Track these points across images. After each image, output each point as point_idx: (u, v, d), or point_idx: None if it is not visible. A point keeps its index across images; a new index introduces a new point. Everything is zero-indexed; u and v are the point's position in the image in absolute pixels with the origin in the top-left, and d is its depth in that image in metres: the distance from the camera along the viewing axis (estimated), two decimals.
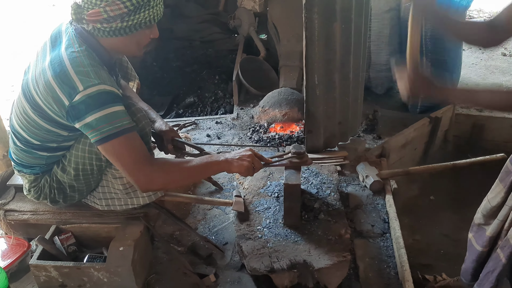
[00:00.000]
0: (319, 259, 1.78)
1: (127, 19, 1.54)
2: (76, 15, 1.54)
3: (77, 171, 1.78)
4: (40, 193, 1.89)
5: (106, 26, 1.55)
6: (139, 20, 1.56)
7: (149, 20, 1.59)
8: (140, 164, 1.58)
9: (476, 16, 5.89)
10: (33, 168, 1.84)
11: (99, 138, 1.53)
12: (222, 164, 1.68)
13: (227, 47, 4.44)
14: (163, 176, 1.62)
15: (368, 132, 2.98)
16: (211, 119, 3.26)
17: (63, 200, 1.90)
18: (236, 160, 1.67)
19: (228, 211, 2.25)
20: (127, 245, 1.78)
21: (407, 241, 2.41)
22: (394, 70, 1.72)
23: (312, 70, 2.26)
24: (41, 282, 1.80)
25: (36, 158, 1.79)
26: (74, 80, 1.50)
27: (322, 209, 2.04)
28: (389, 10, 3.25)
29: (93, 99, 1.50)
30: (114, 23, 1.54)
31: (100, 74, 1.54)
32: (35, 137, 1.72)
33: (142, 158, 1.59)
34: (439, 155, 3.28)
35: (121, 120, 1.54)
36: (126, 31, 1.58)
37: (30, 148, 1.76)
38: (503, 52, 4.58)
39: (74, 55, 1.54)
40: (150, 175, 1.59)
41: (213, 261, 1.98)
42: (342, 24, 2.21)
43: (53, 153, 1.78)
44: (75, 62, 1.53)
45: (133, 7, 1.52)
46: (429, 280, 2.15)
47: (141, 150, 1.60)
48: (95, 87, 1.50)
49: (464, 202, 2.95)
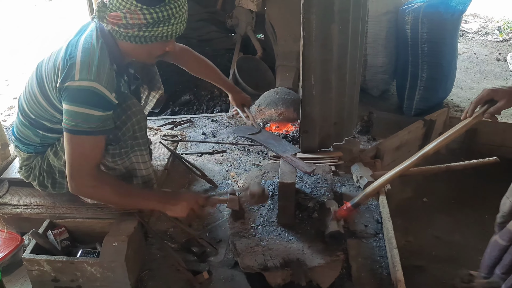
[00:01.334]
0: (312, 258, 1.80)
1: (144, 30, 1.58)
2: (100, 13, 1.58)
3: None
4: (30, 173, 1.94)
5: (123, 31, 1.59)
6: (156, 33, 1.60)
7: (166, 35, 1.62)
8: (81, 167, 1.64)
9: (471, 21, 5.94)
10: (28, 146, 1.89)
11: (63, 126, 1.61)
12: (158, 205, 1.78)
13: (224, 46, 4.44)
14: (93, 189, 1.68)
15: (363, 134, 2.99)
16: (207, 117, 3.26)
17: (51, 186, 1.93)
18: (172, 204, 1.74)
19: (223, 208, 2.25)
20: (121, 241, 1.78)
21: (400, 243, 2.42)
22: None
23: (308, 71, 2.27)
24: (33, 276, 1.79)
25: (32, 134, 1.85)
26: (75, 68, 1.56)
27: (316, 208, 2.05)
28: (387, 13, 3.27)
29: (79, 93, 1.56)
30: (131, 30, 1.58)
31: (100, 73, 1.58)
32: (33, 112, 1.79)
33: (86, 163, 1.64)
34: (432, 158, 3.28)
35: (88, 123, 1.58)
36: (142, 40, 1.62)
37: (27, 122, 1.83)
38: (498, 57, 4.63)
39: (88, 45, 1.61)
40: (83, 182, 1.66)
41: (207, 258, 1.98)
42: (340, 25, 2.22)
43: (47, 133, 1.83)
44: (86, 53, 1.59)
45: (152, 21, 1.56)
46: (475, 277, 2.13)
47: (91, 156, 1.65)
48: (89, 83, 1.55)
49: (457, 204, 2.98)
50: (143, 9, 1.53)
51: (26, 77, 1.87)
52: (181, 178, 2.46)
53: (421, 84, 3.21)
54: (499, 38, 5.28)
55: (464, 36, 5.39)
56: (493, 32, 5.50)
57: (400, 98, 3.43)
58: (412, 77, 3.25)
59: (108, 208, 1.97)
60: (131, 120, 1.78)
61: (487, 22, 5.94)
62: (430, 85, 3.20)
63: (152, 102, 2.31)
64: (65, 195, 2.01)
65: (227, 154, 2.77)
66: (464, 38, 5.34)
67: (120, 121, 1.76)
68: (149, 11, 1.54)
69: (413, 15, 3.08)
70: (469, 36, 5.42)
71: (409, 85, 3.27)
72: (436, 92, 3.27)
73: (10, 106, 3.93)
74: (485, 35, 5.41)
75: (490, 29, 5.63)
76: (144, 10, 1.53)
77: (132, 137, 1.82)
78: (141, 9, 1.53)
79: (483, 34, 5.44)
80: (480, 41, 5.24)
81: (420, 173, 2.55)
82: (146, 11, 1.54)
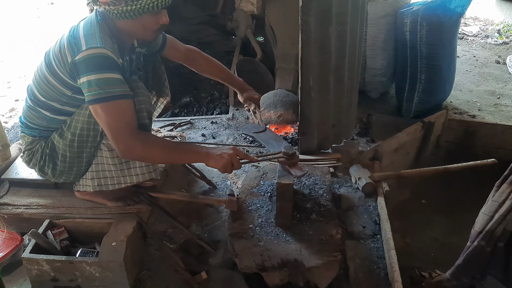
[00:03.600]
0: (310, 259, 1.81)
1: (131, 3, 1.65)
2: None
3: (74, 136, 1.85)
4: (31, 157, 1.98)
5: (113, 9, 1.67)
6: (142, 5, 1.66)
7: (153, 6, 1.67)
8: (123, 131, 1.69)
9: (471, 24, 5.95)
10: (33, 130, 1.94)
11: (91, 99, 1.65)
12: (202, 155, 1.80)
13: (224, 49, 4.45)
14: (141, 147, 1.72)
15: (361, 135, 3.00)
16: (207, 119, 3.28)
17: (51, 172, 1.96)
18: (216, 156, 1.77)
19: (221, 209, 2.27)
20: (120, 241, 1.79)
21: (398, 244, 2.43)
22: None
23: (307, 73, 2.29)
24: (33, 275, 1.80)
25: (39, 118, 1.90)
26: (80, 40, 1.66)
27: (314, 209, 2.06)
28: (385, 15, 3.28)
29: (91, 61, 1.63)
30: (120, 6, 1.66)
31: (105, 40, 1.67)
32: (43, 93, 1.85)
33: (126, 126, 1.69)
34: (431, 160, 3.31)
35: (113, 86, 1.65)
36: (131, 14, 1.69)
37: (36, 105, 1.89)
38: (497, 60, 4.64)
39: (88, 23, 1.72)
40: (130, 143, 1.70)
41: (205, 259, 2.00)
42: (338, 27, 2.24)
43: (55, 116, 1.88)
44: (87, 27, 1.70)
45: None
46: (425, 277, 2.18)
47: (127, 119, 1.70)
48: (96, 49, 1.63)
49: (455, 206, 2.99)
50: None
51: (34, 69, 1.93)
52: (180, 179, 2.47)
53: (420, 86, 3.22)
54: (499, 41, 5.29)
55: (463, 39, 5.40)
56: (493, 35, 5.51)
57: (399, 100, 3.44)
58: (411, 79, 3.26)
59: (107, 209, 1.98)
60: (138, 98, 1.81)
61: (487, 25, 5.95)
62: (429, 88, 3.21)
63: (160, 108, 2.39)
64: (64, 195, 2.03)
65: None
66: (464, 41, 5.35)
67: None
68: None
69: (411, 18, 3.09)
70: (469, 39, 5.43)
71: (408, 87, 3.28)
72: (435, 94, 3.28)
73: (12, 108, 3.95)
74: (485, 38, 5.42)
75: (490, 32, 5.64)
76: None
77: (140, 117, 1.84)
78: None
79: (483, 37, 5.46)
80: (479, 44, 5.25)
81: (418, 175, 2.56)
82: None
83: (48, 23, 6.63)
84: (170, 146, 1.82)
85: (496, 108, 3.56)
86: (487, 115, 3.42)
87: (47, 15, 7.06)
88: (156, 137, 1.86)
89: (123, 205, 2.02)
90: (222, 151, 1.79)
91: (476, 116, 3.40)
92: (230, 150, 1.80)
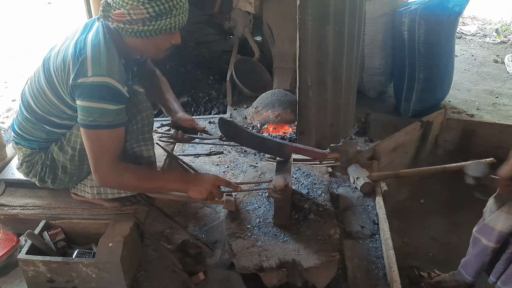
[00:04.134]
0: (308, 259, 1.79)
1: (148, 24, 1.62)
2: (104, 12, 1.64)
3: (74, 151, 1.83)
4: (31, 168, 1.94)
5: (129, 27, 1.63)
6: (160, 26, 1.64)
7: (170, 28, 1.66)
8: (103, 159, 1.68)
9: (469, 23, 5.95)
10: (32, 142, 1.90)
11: (80, 122, 1.64)
12: (183, 186, 1.77)
13: (222, 48, 4.45)
14: (118, 178, 1.71)
15: (360, 135, 3.00)
16: (204, 119, 3.27)
17: (51, 182, 1.94)
18: (196, 188, 1.74)
19: (219, 210, 2.26)
20: (116, 242, 1.78)
21: (396, 244, 2.42)
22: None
23: (305, 72, 2.28)
24: (29, 277, 1.79)
25: (38, 130, 1.86)
26: (87, 64, 1.60)
27: (312, 209, 2.05)
28: (383, 14, 3.28)
29: (93, 89, 1.60)
30: (136, 25, 1.62)
31: (112, 68, 1.62)
32: (41, 108, 1.80)
33: (107, 155, 1.68)
34: (429, 159, 3.31)
35: (104, 117, 1.62)
36: (147, 34, 1.66)
37: (33, 118, 1.84)
38: (495, 59, 4.64)
39: (97, 41, 1.64)
40: (107, 172, 1.70)
41: (203, 259, 1.99)
42: (336, 26, 2.23)
43: (54, 129, 1.85)
44: (95, 49, 1.62)
45: (155, 14, 1.59)
46: (424, 277, 2.18)
47: (108, 148, 1.68)
48: (101, 78, 1.59)
49: (453, 206, 2.99)
50: (145, 4, 1.57)
51: (31, 73, 1.87)
52: None
53: (418, 85, 3.22)
54: (497, 40, 5.29)
55: (462, 38, 5.40)
56: (491, 34, 5.52)
57: (397, 99, 3.43)
58: (409, 78, 3.25)
59: (104, 209, 1.97)
60: (141, 114, 1.83)
61: (485, 24, 5.95)
62: (427, 87, 3.21)
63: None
64: (61, 195, 2.01)
65: (224, 156, 2.78)
66: (462, 40, 5.36)
67: (131, 114, 1.79)
68: (150, 4, 1.57)
69: (410, 17, 3.09)
70: (467, 38, 5.43)
71: (406, 86, 3.28)
72: (433, 93, 3.27)
73: (9, 108, 3.93)
74: (483, 37, 5.42)
75: (488, 31, 5.65)
76: (146, 4, 1.57)
77: (139, 131, 1.86)
78: (143, 4, 1.57)
79: (481, 36, 5.46)
80: (478, 43, 5.25)
81: (417, 175, 2.56)
82: (148, 5, 1.57)
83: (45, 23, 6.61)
84: (149, 177, 1.78)
85: (494, 107, 3.56)
86: (485, 114, 3.42)
87: (44, 15, 7.04)
88: (135, 169, 1.79)
89: (120, 205, 2.01)
90: (203, 182, 1.74)
91: (474, 115, 3.39)
92: (210, 181, 1.74)
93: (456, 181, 2.96)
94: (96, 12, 3.42)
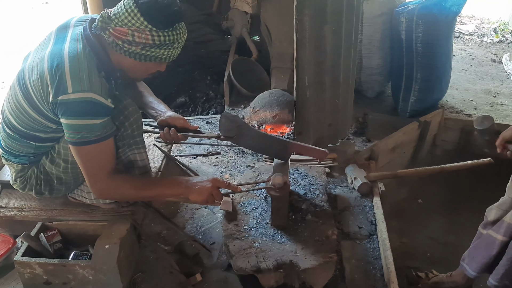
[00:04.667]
0: (305, 260, 1.79)
1: (147, 49, 1.60)
2: (103, 24, 1.57)
3: (67, 163, 1.79)
4: (26, 183, 1.90)
5: (126, 46, 1.59)
6: (158, 54, 1.62)
7: (165, 58, 1.66)
8: (98, 173, 1.66)
9: (467, 23, 5.95)
10: (21, 158, 1.84)
11: (68, 140, 1.61)
12: (182, 190, 1.75)
13: (220, 48, 4.44)
14: (115, 190, 1.70)
15: (357, 135, 3.00)
16: (202, 119, 3.26)
17: (48, 193, 1.91)
18: (195, 190, 1.72)
19: (216, 210, 2.25)
20: (113, 243, 1.77)
21: (395, 244, 2.43)
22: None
23: (302, 72, 2.28)
24: (25, 279, 1.78)
25: (24, 146, 1.80)
26: (66, 80, 1.52)
27: (309, 210, 2.05)
28: (381, 14, 3.28)
29: (76, 106, 1.53)
30: (135, 47, 1.59)
31: (93, 82, 1.55)
32: (23, 125, 1.73)
33: (101, 168, 1.66)
34: (427, 159, 3.30)
35: (92, 132, 1.58)
36: (141, 58, 1.63)
37: (17, 135, 1.77)
38: (493, 59, 4.64)
39: (75, 54, 1.56)
40: (103, 186, 1.68)
41: (200, 260, 1.98)
42: (333, 26, 2.23)
43: (41, 143, 1.79)
44: (74, 63, 1.54)
45: (159, 43, 1.58)
46: (421, 277, 2.18)
47: (103, 160, 1.66)
48: (83, 94, 1.52)
49: (451, 206, 2.99)
50: (152, 31, 1.55)
51: (7, 88, 1.79)
52: None
53: (416, 85, 3.21)
54: (494, 39, 5.29)
55: (460, 37, 5.40)
56: (489, 33, 5.52)
57: (395, 99, 3.43)
58: (407, 78, 3.25)
59: (101, 211, 1.96)
60: (129, 120, 1.78)
61: (483, 23, 5.95)
62: (425, 87, 3.20)
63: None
64: (57, 197, 2.00)
65: (222, 156, 2.77)
66: (460, 39, 5.35)
67: (119, 122, 1.75)
68: (158, 33, 1.56)
69: (407, 17, 3.08)
70: (465, 37, 5.43)
71: (404, 86, 3.28)
72: (431, 93, 3.27)
73: None
74: (481, 37, 5.42)
75: (486, 30, 5.65)
76: (153, 32, 1.55)
77: (130, 136, 1.82)
78: (150, 30, 1.55)
79: (479, 36, 5.46)
80: (476, 43, 5.25)
81: (415, 175, 2.55)
82: (155, 33, 1.56)
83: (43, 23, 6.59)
84: (147, 185, 1.75)
85: (492, 107, 3.55)
86: (483, 114, 3.41)
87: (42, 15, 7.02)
88: (132, 178, 1.79)
89: (116, 207, 1.99)
90: (202, 184, 1.72)
91: (472, 115, 3.39)
92: (209, 183, 1.72)
93: (454, 181, 2.98)
94: (93, 12, 3.41)
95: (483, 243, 1.89)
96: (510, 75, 4.19)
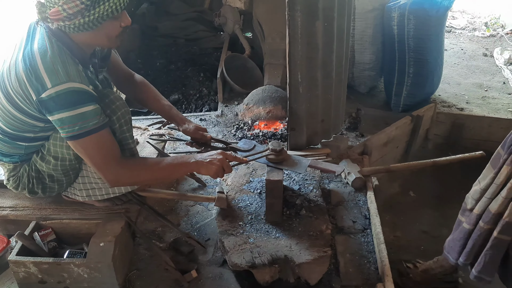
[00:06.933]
0: (300, 255, 1.80)
1: (88, 14, 1.52)
2: (41, 14, 1.54)
3: (56, 160, 1.79)
4: (18, 182, 1.90)
5: (69, 23, 1.54)
6: (100, 13, 1.53)
7: (111, 11, 1.55)
8: (107, 162, 1.66)
9: (459, 17, 5.98)
10: (12, 157, 1.85)
11: (67, 136, 1.59)
12: (192, 165, 1.75)
13: (212, 45, 4.44)
14: (129, 174, 1.72)
15: (351, 130, 3.01)
16: (195, 116, 3.26)
17: (41, 191, 1.91)
18: (206, 164, 1.73)
19: (211, 207, 2.25)
20: (108, 241, 1.77)
21: (388, 238, 2.44)
22: None
23: (295, 68, 2.28)
24: (20, 278, 1.78)
25: (14, 148, 1.80)
26: (43, 77, 1.51)
27: (303, 205, 2.06)
28: (373, 9, 3.28)
29: (61, 98, 1.52)
30: (76, 19, 1.53)
31: (69, 71, 1.54)
32: (10, 127, 1.72)
33: (110, 157, 1.66)
34: (420, 153, 3.32)
35: (88, 121, 1.57)
36: (90, 25, 1.55)
37: (7, 138, 1.77)
38: (484, 53, 4.67)
39: (44, 49, 1.55)
40: (117, 173, 1.68)
41: (195, 257, 1.98)
42: (325, 22, 2.23)
43: (31, 143, 1.79)
44: (45, 58, 1.53)
45: (89, 2, 1.50)
46: (410, 268, 2.20)
47: (109, 148, 1.66)
48: (64, 85, 1.51)
49: (444, 199, 3.01)
50: None
51: None
52: None
53: (408, 80, 3.23)
54: (486, 33, 5.32)
55: (451, 32, 5.43)
56: (480, 27, 5.55)
57: (388, 94, 3.45)
58: (399, 73, 3.26)
59: (95, 209, 1.96)
60: (116, 114, 1.76)
61: (474, 18, 5.98)
62: (417, 81, 3.22)
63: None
64: (51, 196, 2.00)
65: None
66: (452, 34, 5.38)
67: (106, 116, 1.72)
68: None
69: (399, 12, 3.10)
70: (457, 32, 5.46)
71: (397, 81, 3.29)
72: (423, 88, 3.29)
73: None
74: (473, 31, 5.45)
75: (477, 24, 5.67)
76: None
77: (119, 132, 1.80)
78: None
79: (471, 30, 5.49)
80: (467, 37, 5.28)
81: (407, 169, 2.57)
82: None
83: None
84: (158, 165, 1.75)
85: (483, 101, 3.58)
86: (475, 108, 3.44)
87: None
88: (141, 160, 1.80)
89: (110, 205, 1.99)
90: (211, 157, 1.74)
91: (464, 109, 3.42)
92: (219, 155, 1.75)
93: (446, 174, 3.00)
94: None
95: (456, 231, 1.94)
96: (501, 69, 4.22)
